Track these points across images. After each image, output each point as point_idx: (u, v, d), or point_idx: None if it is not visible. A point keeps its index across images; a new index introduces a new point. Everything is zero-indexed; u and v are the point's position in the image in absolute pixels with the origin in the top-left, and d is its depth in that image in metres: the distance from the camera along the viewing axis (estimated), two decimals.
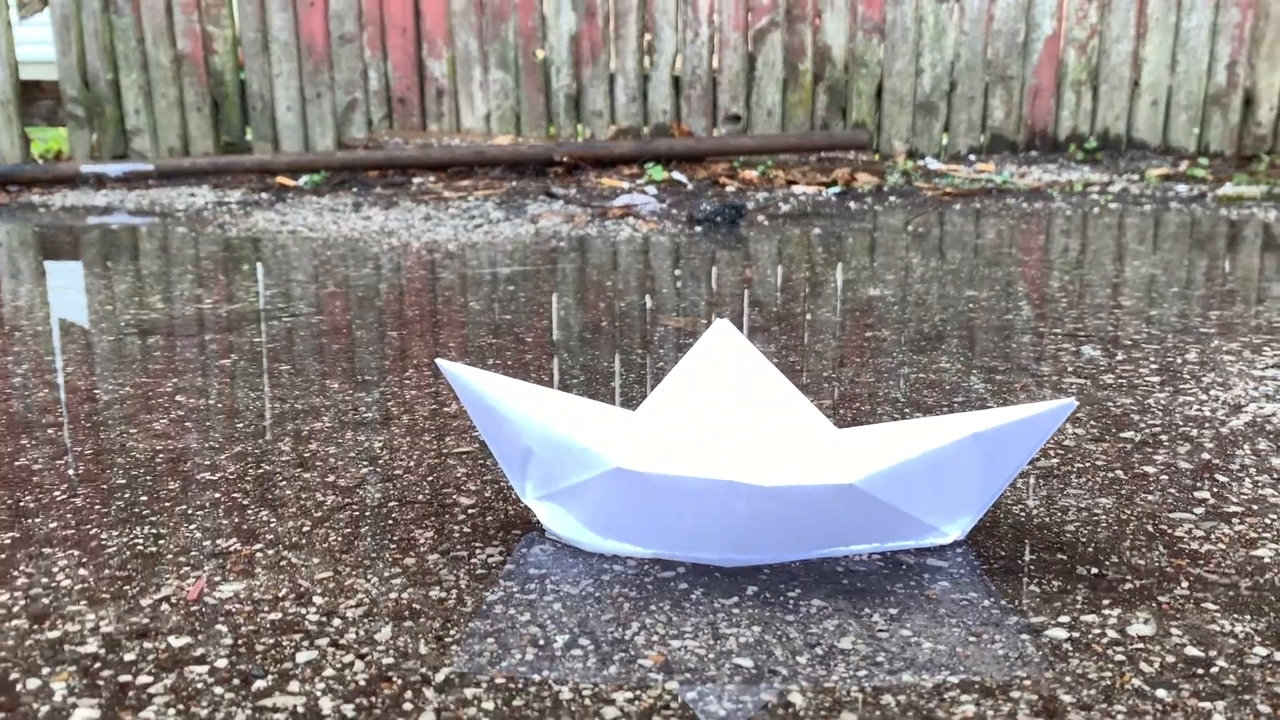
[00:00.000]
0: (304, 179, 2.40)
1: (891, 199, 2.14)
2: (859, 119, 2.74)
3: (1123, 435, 0.70)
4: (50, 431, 0.72)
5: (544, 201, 2.03)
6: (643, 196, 2.01)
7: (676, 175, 2.29)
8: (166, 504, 0.59)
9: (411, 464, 0.65)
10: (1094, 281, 1.26)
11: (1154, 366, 0.87)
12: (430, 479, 0.63)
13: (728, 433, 0.52)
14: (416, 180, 2.38)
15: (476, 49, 2.78)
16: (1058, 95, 2.73)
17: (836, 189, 2.25)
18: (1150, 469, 0.64)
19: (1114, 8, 2.67)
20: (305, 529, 0.56)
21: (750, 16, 2.70)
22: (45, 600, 0.48)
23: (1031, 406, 0.51)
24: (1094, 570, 0.51)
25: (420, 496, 0.60)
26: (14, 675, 0.42)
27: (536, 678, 0.42)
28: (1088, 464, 0.65)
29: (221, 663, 0.43)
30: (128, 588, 0.50)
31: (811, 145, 2.55)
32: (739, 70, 2.74)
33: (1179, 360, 0.88)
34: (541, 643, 0.45)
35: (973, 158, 2.72)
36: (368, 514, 0.58)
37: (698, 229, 1.71)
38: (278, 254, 1.50)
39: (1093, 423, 0.73)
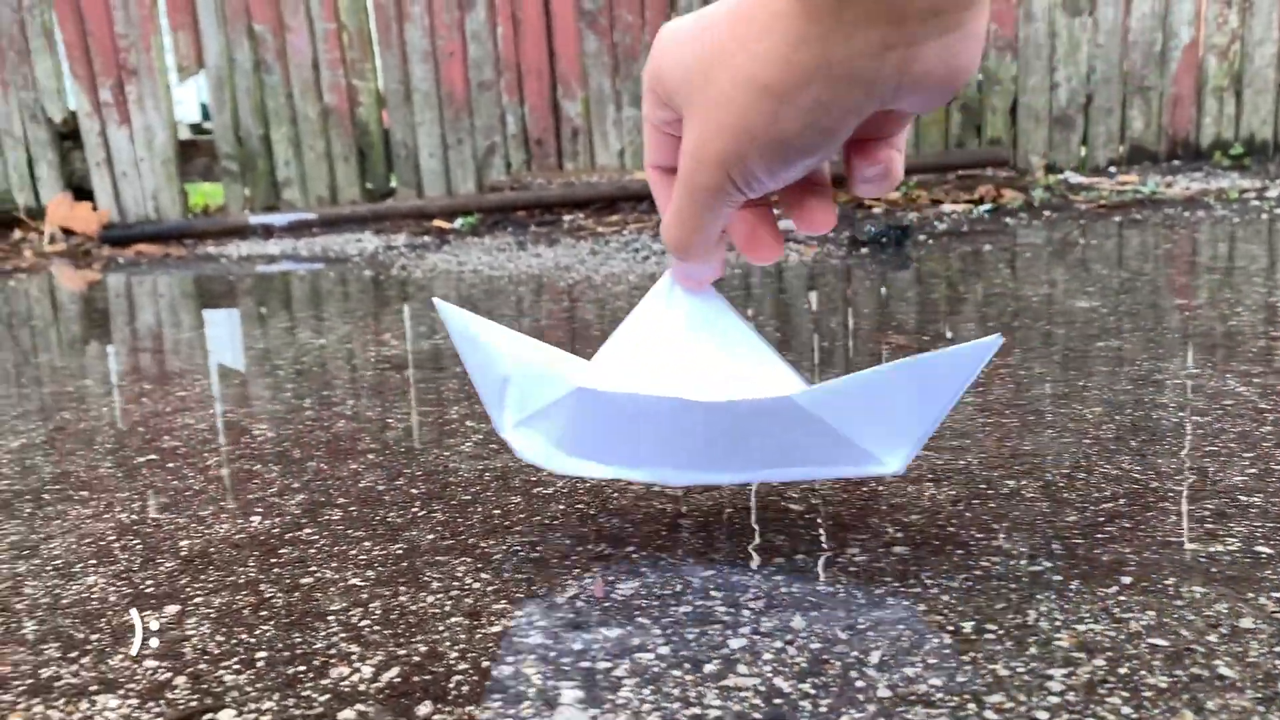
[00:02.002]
0: (459, 221, 2.50)
1: (1046, 213, 2.14)
2: (994, 135, 2.74)
3: None
4: (371, 457, 0.78)
5: None
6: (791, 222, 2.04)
7: None
8: (521, 515, 0.64)
9: None
10: None
11: None
12: (753, 489, 0.67)
13: (684, 357, 0.55)
14: (566, 218, 2.45)
15: (609, 88, 2.86)
16: (1199, 103, 2.69)
17: (986, 206, 2.26)
18: None
19: (1255, 11, 2.63)
20: (663, 533, 0.60)
21: None
22: (468, 600, 0.53)
23: (962, 345, 0.53)
24: None
25: (750, 504, 0.64)
26: (485, 663, 0.47)
27: (966, 659, 0.45)
28: None
29: (664, 650, 0.47)
30: (535, 588, 0.54)
31: (950, 164, 2.56)
32: None
33: None
34: (950, 629, 0.48)
35: (1113, 170, 2.69)
36: (712, 520, 0.62)
37: (863, 250, 1.74)
38: (473, 292, 1.57)
39: None
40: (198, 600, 0.55)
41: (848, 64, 0.39)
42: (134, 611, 0.54)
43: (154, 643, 0.50)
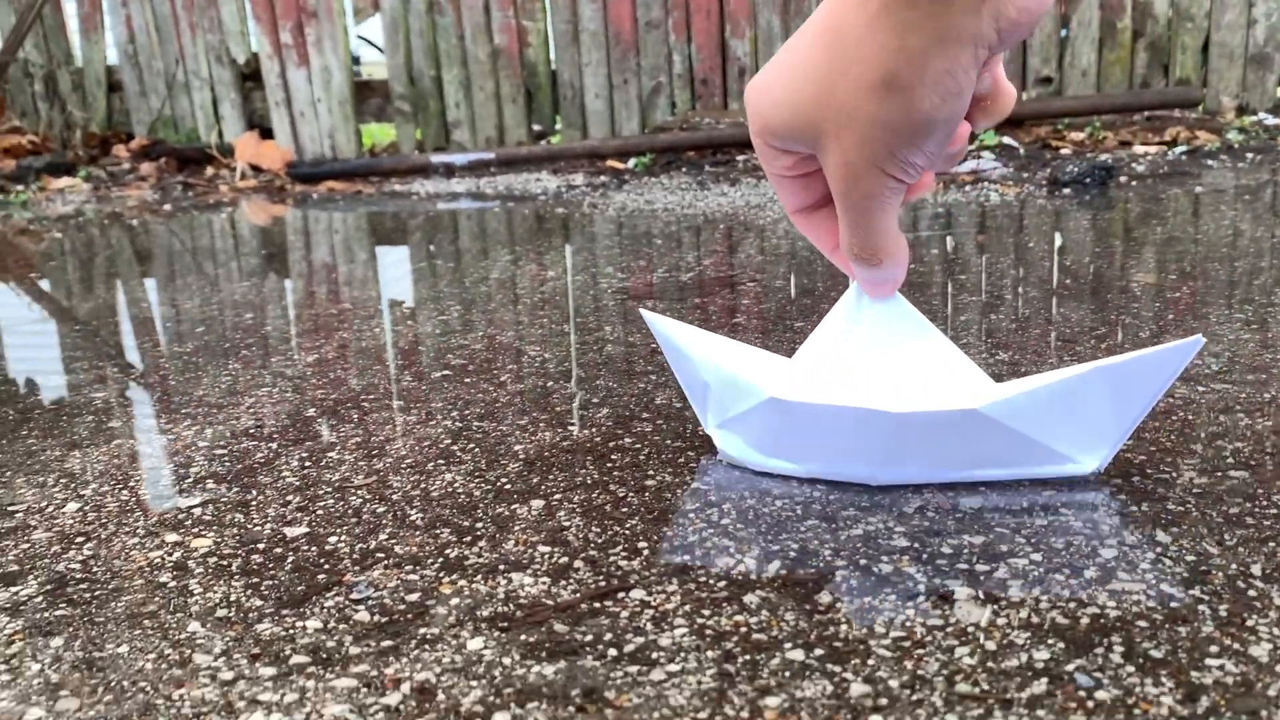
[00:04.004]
0: (631, 161, 2.52)
1: (1249, 156, 2.05)
2: (1183, 75, 2.63)
3: None
4: (654, 378, 0.81)
5: None
6: (986, 163, 2.01)
7: (1007, 140, 2.27)
8: None
9: None
10: None
11: None
12: None
13: (872, 367, 0.57)
14: (740, 158, 2.45)
15: (779, 26, 2.84)
16: None
17: (1181, 148, 2.17)
18: None
19: None
20: None
21: None
22: (816, 506, 0.56)
23: (1161, 348, 0.53)
24: None
25: None
26: (862, 561, 0.50)
27: None
28: None
29: (1036, 556, 0.49)
30: (877, 499, 0.57)
31: (1138, 104, 2.47)
32: (1050, 31, 2.67)
33: None
34: None
35: None
36: None
37: (1065, 191, 1.71)
38: (672, 229, 1.60)
39: None
40: (558, 497, 0.59)
41: (955, 28, 0.42)
42: None
43: (536, 531, 0.55)
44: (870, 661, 0.41)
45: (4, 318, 1.23)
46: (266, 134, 3.20)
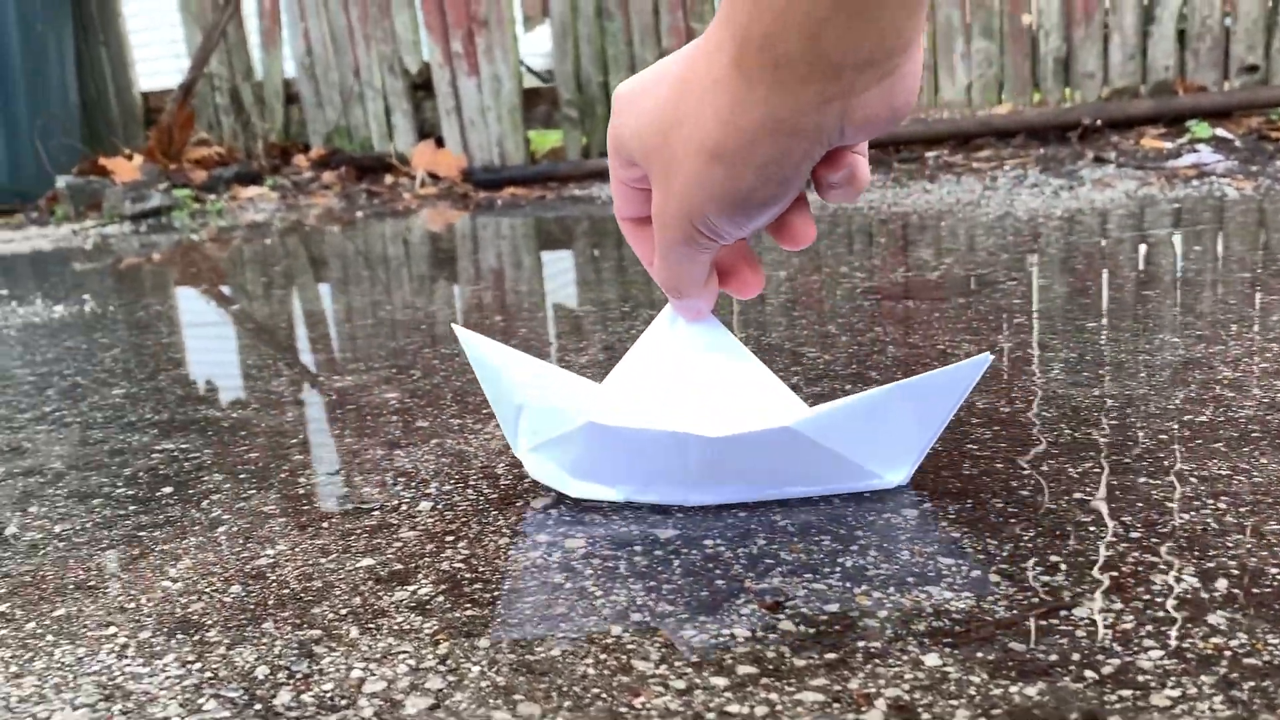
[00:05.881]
0: None
1: None
2: None
3: None
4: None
5: (1094, 167, 1.98)
6: (1206, 155, 1.90)
7: (1220, 132, 2.15)
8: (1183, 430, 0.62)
9: None
10: None
11: None
12: None
13: (687, 388, 0.56)
14: (929, 155, 2.39)
15: (959, 21, 2.76)
16: None
17: None
18: None
19: None
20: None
21: None
22: (1211, 521, 0.52)
23: (954, 365, 0.54)
24: None
25: None
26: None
27: None
28: None
29: None
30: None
31: None
32: (1256, 17, 2.52)
33: None
34: None
35: None
36: None
37: None
38: (890, 227, 1.56)
39: None
40: (928, 505, 0.56)
41: (791, 120, 0.40)
42: None
43: (924, 542, 0.52)
44: None
45: (261, 322, 1.27)
46: (437, 142, 3.28)
